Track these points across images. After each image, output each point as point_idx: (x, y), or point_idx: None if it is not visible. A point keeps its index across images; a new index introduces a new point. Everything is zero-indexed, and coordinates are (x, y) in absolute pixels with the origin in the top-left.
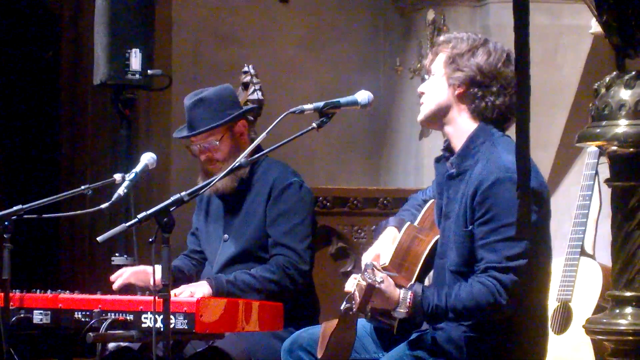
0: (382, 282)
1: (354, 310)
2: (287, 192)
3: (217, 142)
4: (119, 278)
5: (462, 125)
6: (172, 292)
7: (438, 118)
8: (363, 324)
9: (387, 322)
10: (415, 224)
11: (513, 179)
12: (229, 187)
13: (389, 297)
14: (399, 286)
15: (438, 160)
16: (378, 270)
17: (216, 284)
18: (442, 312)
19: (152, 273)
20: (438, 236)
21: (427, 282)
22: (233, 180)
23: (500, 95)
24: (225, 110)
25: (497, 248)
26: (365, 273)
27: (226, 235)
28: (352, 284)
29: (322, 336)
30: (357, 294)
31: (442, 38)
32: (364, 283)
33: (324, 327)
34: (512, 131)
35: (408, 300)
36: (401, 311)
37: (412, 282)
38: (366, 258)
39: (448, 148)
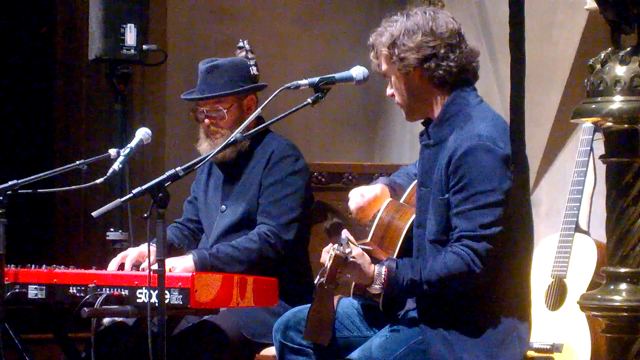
0: (350, 252)
1: (325, 282)
2: (281, 163)
3: (225, 111)
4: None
5: (436, 98)
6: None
7: (419, 107)
8: (351, 302)
9: (371, 297)
10: (402, 200)
11: (485, 146)
12: (228, 157)
13: (364, 273)
14: (377, 262)
15: (422, 134)
16: (352, 243)
17: (199, 258)
18: (417, 285)
19: (146, 253)
20: None
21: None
22: (233, 151)
23: (451, 52)
24: (238, 82)
25: (471, 216)
26: (336, 245)
27: (224, 206)
28: (325, 257)
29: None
30: (328, 266)
31: (371, 39)
32: (334, 254)
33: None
34: (506, 105)
35: (383, 275)
36: (376, 287)
37: (393, 256)
38: (353, 195)
39: (427, 120)
